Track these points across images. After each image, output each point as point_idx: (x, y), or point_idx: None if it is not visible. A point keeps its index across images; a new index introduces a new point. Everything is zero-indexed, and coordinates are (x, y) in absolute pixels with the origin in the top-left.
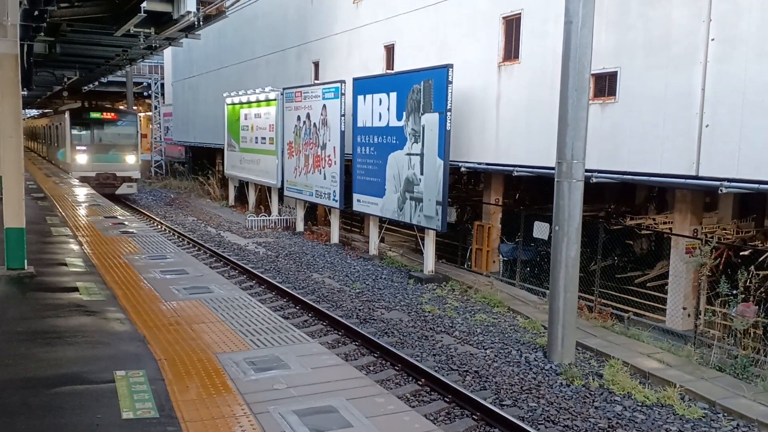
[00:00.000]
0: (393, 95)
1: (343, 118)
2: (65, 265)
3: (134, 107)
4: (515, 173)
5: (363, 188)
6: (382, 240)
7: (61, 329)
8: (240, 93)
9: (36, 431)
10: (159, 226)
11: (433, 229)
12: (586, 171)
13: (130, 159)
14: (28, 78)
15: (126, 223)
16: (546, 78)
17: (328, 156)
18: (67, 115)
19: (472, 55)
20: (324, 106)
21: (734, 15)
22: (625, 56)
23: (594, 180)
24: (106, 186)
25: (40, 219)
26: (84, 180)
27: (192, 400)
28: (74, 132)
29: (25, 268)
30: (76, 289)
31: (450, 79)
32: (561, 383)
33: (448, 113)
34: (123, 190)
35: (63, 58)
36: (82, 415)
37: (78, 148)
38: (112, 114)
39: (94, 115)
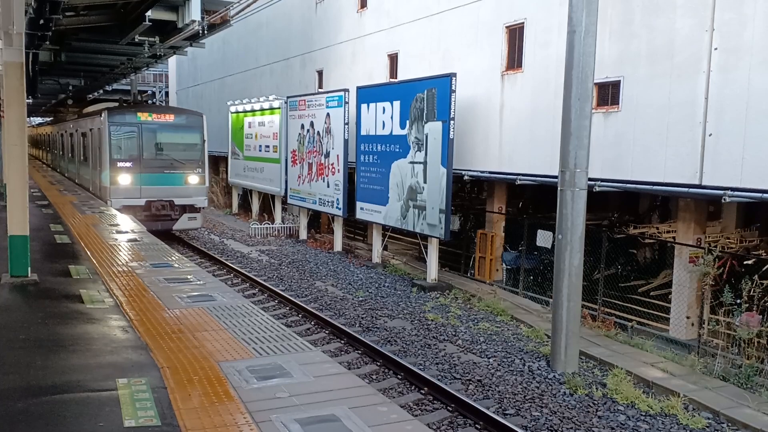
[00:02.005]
0: (396, 104)
1: (346, 126)
2: (68, 272)
3: None
4: (518, 181)
5: (366, 196)
6: (385, 248)
7: (64, 337)
8: (244, 101)
9: None
10: (162, 234)
11: (437, 238)
12: (589, 180)
13: (194, 179)
14: (33, 86)
15: (129, 231)
16: (549, 87)
17: (332, 164)
18: (104, 116)
19: (475, 64)
20: (328, 114)
21: (738, 24)
22: (629, 65)
23: (597, 189)
24: (160, 219)
25: (43, 226)
26: (129, 210)
27: (194, 408)
28: (114, 141)
29: (29, 275)
30: (79, 297)
31: (453, 87)
32: (564, 392)
33: (452, 122)
34: (183, 224)
35: (68, 67)
36: (84, 422)
37: (120, 165)
38: (168, 114)
39: (143, 116)
